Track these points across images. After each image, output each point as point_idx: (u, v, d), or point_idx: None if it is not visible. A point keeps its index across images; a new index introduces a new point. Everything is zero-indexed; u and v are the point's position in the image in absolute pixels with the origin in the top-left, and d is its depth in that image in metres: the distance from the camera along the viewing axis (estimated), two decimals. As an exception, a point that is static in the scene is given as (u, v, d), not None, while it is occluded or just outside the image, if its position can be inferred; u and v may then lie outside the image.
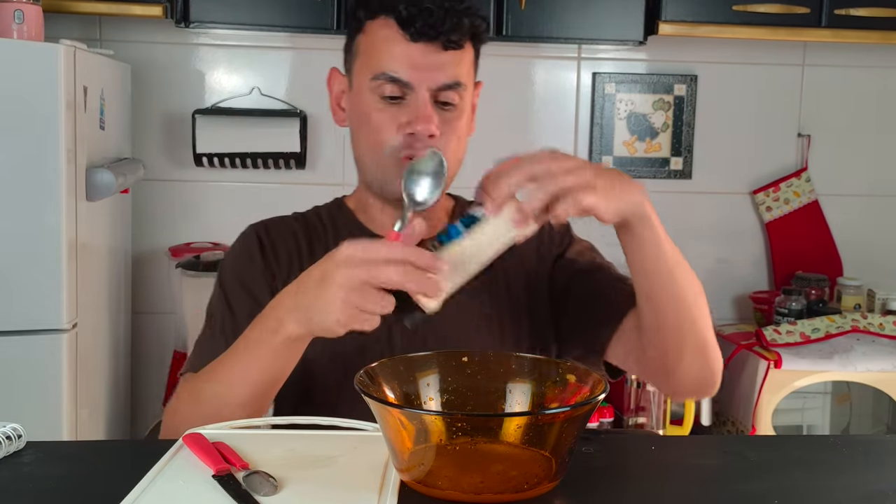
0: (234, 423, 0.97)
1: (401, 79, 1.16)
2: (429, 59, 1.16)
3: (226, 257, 1.29)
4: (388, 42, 1.17)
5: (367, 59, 1.19)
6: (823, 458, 0.95)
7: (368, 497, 0.79)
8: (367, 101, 1.19)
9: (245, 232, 1.29)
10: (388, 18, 1.17)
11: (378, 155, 1.19)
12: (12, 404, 1.86)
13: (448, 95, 1.18)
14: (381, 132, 1.18)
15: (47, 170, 1.89)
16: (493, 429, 0.82)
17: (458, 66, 1.19)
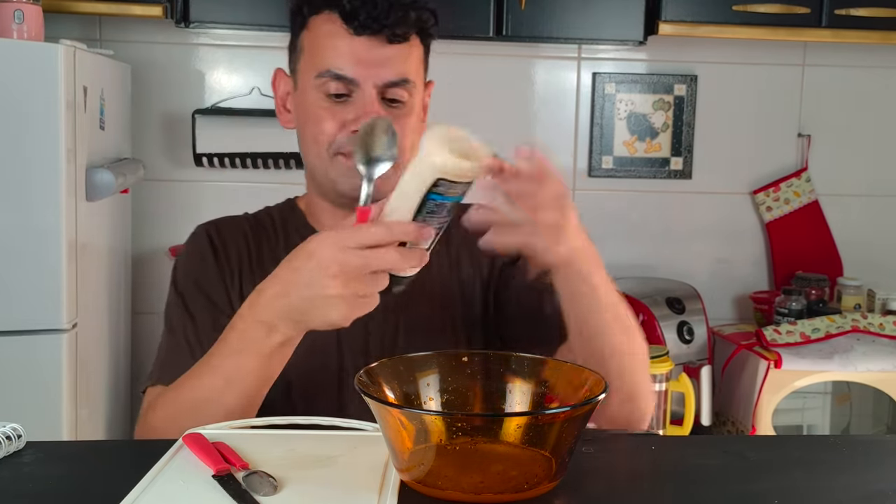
0: (233, 423, 0.97)
1: (345, 75, 1.14)
2: (374, 54, 1.13)
3: (178, 260, 1.26)
4: (332, 37, 1.15)
5: (311, 57, 1.17)
6: (823, 458, 0.95)
7: (368, 497, 0.79)
8: (311, 99, 1.17)
9: (195, 232, 1.28)
10: (331, 13, 1.14)
11: (323, 154, 1.17)
12: (12, 404, 1.86)
13: (396, 92, 1.16)
14: (325, 131, 1.16)
15: (47, 170, 1.89)
16: (493, 429, 0.82)
17: (406, 62, 1.16)
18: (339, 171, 1.16)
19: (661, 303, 2.56)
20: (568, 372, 0.93)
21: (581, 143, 2.81)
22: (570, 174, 2.80)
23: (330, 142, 1.16)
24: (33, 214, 1.90)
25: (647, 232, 2.82)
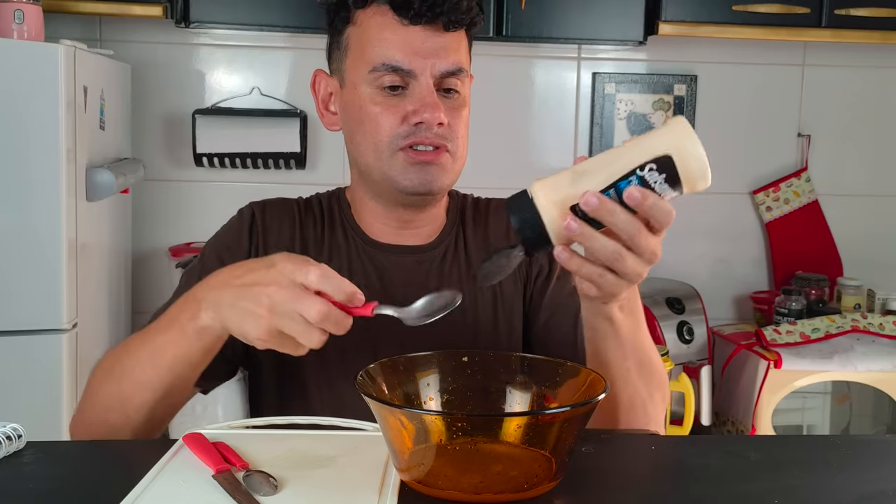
0: (233, 423, 0.97)
1: (402, 67, 1.10)
2: (430, 44, 1.10)
3: (217, 232, 1.25)
4: (384, 29, 1.11)
5: (361, 52, 1.13)
6: (823, 458, 0.95)
7: (368, 497, 0.79)
8: (364, 95, 1.13)
9: (242, 209, 1.25)
10: (380, 5, 1.11)
11: (379, 148, 1.13)
12: (12, 404, 1.86)
13: (451, 82, 1.13)
14: (381, 125, 1.12)
15: (47, 170, 1.89)
16: (493, 429, 0.82)
17: (459, 51, 1.13)
18: (399, 168, 1.13)
19: (661, 303, 2.56)
20: (568, 372, 0.93)
21: (581, 143, 2.81)
22: (570, 174, 2.79)
23: (390, 137, 1.12)
24: (33, 214, 1.90)
25: (647, 232, 2.82)
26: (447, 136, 1.13)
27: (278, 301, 0.86)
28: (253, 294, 0.88)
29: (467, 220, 1.27)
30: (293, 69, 2.69)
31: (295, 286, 0.86)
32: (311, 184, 2.68)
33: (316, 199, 1.28)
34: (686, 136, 0.84)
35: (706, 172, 0.85)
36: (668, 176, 0.83)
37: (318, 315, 0.85)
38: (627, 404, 1.05)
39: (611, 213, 0.83)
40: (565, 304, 1.21)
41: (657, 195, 0.84)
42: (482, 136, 2.73)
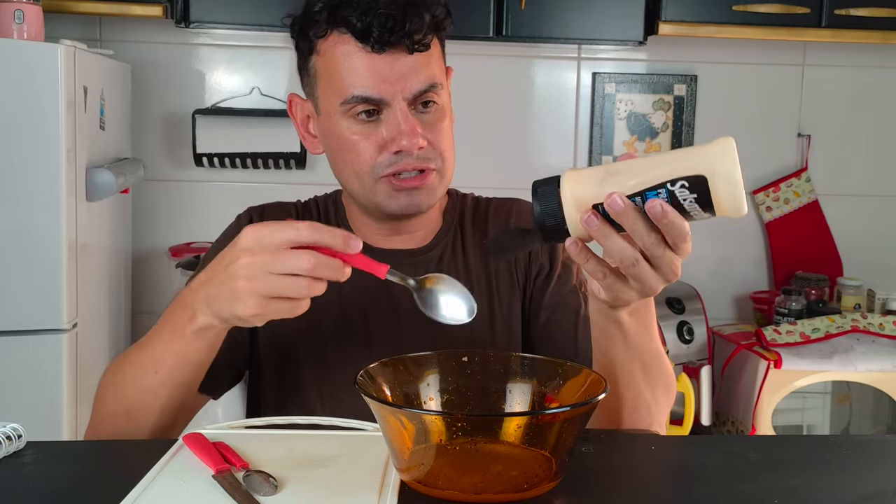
0: (233, 423, 0.97)
1: (372, 97, 1.07)
2: (397, 68, 1.07)
3: (217, 238, 1.25)
4: (349, 58, 1.08)
5: (331, 82, 1.10)
6: (823, 458, 0.95)
7: (368, 497, 0.79)
8: (340, 125, 1.11)
9: (240, 215, 1.25)
10: (342, 34, 1.08)
11: (363, 178, 1.12)
12: (12, 404, 1.86)
13: (426, 97, 1.10)
14: (361, 154, 1.10)
15: (47, 170, 1.90)
16: (493, 429, 0.82)
17: (429, 66, 1.10)
18: (384, 195, 1.12)
19: (661, 303, 2.56)
20: (568, 372, 0.93)
21: (581, 143, 2.81)
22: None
23: (371, 167, 1.10)
24: (33, 214, 1.90)
25: (647, 232, 2.82)
26: (431, 157, 1.11)
27: (254, 268, 0.86)
28: (228, 273, 0.89)
29: (466, 222, 1.26)
30: (293, 69, 2.68)
31: (269, 249, 0.86)
32: (311, 184, 2.69)
33: (314, 202, 1.28)
34: (726, 160, 0.78)
35: (740, 202, 0.79)
36: (699, 197, 0.79)
37: (307, 263, 0.85)
38: (631, 405, 1.05)
39: (633, 220, 0.81)
40: (566, 303, 1.20)
41: (678, 213, 0.81)
42: (482, 136, 2.74)
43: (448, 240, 1.24)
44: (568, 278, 1.23)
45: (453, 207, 1.27)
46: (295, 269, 0.85)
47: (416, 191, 1.12)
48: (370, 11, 1.05)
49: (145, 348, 1.01)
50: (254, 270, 0.86)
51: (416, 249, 1.22)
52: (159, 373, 0.99)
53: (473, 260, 1.23)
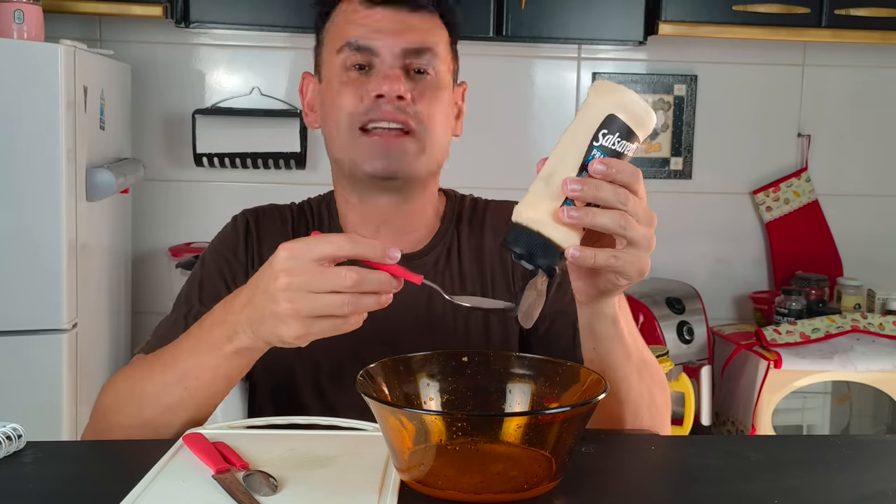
0: (233, 423, 0.97)
1: (364, 44, 1.11)
2: (394, 22, 1.11)
3: (212, 241, 1.24)
4: (351, 14, 1.13)
5: (332, 43, 1.15)
6: (823, 458, 0.95)
7: (368, 497, 0.79)
8: (334, 77, 1.13)
9: (235, 216, 1.24)
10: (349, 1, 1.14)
11: (343, 126, 1.12)
12: (12, 404, 1.86)
13: (420, 63, 1.12)
14: (345, 104, 1.11)
15: (47, 170, 1.90)
16: (492, 429, 0.82)
17: (429, 34, 1.13)
18: (361, 150, 1.12)
19: (661, 303, 2.56)
20: (568, 372, 0.93)
21: (581, 143, 2.81)
22: (570, 174, 2.80)
23: (350, 114, 1.11)
24: (33, 214, 1.90)
25: (647, 232, 2.82)
26: (409, 113, 1.11)
27: (294, 289, 0.83)
28: (268, 296, 0.85)
29: (463, 225, 1.24)
30: (293, 69, 2.69)
31: (308, 267, 0.84)
32: (311, 184, 2.69)
33: (307, 204, 1.27)
34: (614, 90, 0.84)
35: (649, 110, 0.85)
36: (620, 133, 0.84)
37: (349, 280, 0.82)
38: (633, 409, 1.04)
39: (596, 187, 0.83)
40: (565, 312, 1.19)
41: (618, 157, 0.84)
42: (482, 136, 2.74)
43: (444, 244, 1.22)
44: (567, 287, 1.22)
45: (451, 210, 1.26)
46: (337, 286, 0.82)
47: (392, 150, 1.11)
48: None
49: (171, 365, 0.97)
50: (294, 292, 0.83)
51: (411, 253, 1.20)
52: (189, 388, 0.96)
53: (468, 264, 1.22)
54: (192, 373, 0.95)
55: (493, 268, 1.22)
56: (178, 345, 0.99)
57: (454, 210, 1.26)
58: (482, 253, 1.22)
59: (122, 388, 1.03)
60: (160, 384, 0.98)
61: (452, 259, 1.22)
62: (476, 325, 1.18)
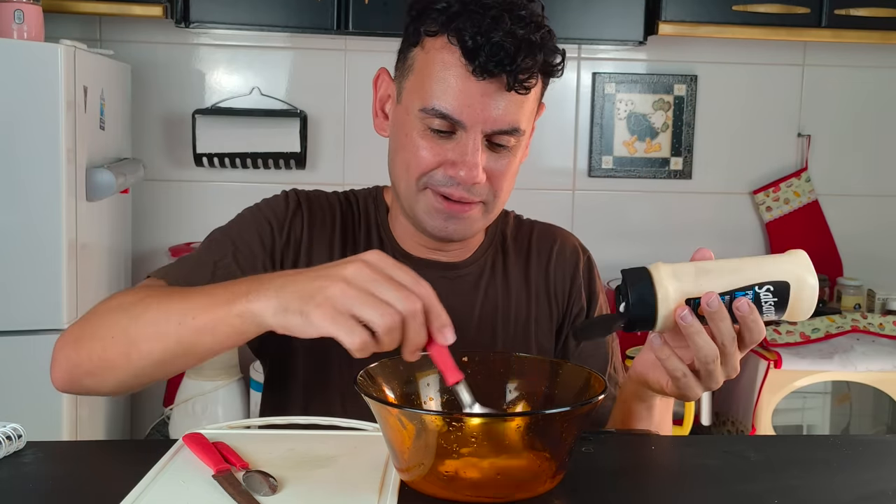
0: (233, 423, 0.97)
1: (453, 117, 1.05)
2: (488, 100, 1.04)
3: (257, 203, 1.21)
4: (446, 70, 1.04)
5: (421, 82, 1.07)
6: (823, 458, 0.95)
7: (368, 497, 0.79)
8: (413, 124, 1.09)
9: (287, 192, 1.22)
10: (451, 43, 1.04)
11: (413, 184, 1.10)
12: (12, 404, 1.86)
13: (503, 139, 1.07)
14: (421, 162, 1.08)
15: (47, 170, 1.89)
16: (493, 429, 0.82)
17: (520, 110, 1.07)
18: (425, 207, 1.11)
19: (661, 303, 2.56)
20: (568, 372, 0.93)
21: (581, 143, 2.81)
22: (570, 174, 2.80)
23: (422, 174, 1.09)
24: (33, 214, 1.90)
25: (647, 232, 2.82)
26: (482, 194, 1.10)
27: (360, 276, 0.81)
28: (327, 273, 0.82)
29: (508, 243, 1.25)
30: (293, 69, 2.69)
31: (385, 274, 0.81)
32: (311, 184, 2.67)
33: (353, 196, 1.25)
34: (808, 269, 0.89)
35: (812, 306, 0.90)
36: (779, 300, 0.89)
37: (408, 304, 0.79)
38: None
39: (722, 318, 0.88)
40: (593, 356, 1.21)
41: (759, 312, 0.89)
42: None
43: (488, 257, 1.23)
44: None
45: (495, 226, 1.26)
46: (394, 300, 0.79)
47: (456, 218, 1.11)
48: (485, 34, 1.01)
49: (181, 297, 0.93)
50: (358, 279, 0.80)
51: (454, 263, 1.20)
52: (182, 325, 0.91)
53: (515, 283, 1.23)
54: (193, 311, 0.90)
55: (538, 291, 1.23)
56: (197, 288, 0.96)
57: (498, 226, 1.26)
58: (528, 275, 1.24)
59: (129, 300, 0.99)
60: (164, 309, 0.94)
61: (497, 273, 1.23)
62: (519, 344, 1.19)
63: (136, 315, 0.96)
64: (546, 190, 2.78)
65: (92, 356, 0.97)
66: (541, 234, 1.28)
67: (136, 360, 0.94)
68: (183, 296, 0.94)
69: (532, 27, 1.03)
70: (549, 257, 1.25)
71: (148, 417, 2.60)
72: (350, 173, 2.71)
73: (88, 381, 0.99)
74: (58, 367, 1.01)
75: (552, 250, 1.26)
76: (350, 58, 2.69)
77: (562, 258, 1.26)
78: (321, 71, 2.68)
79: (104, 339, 0.97)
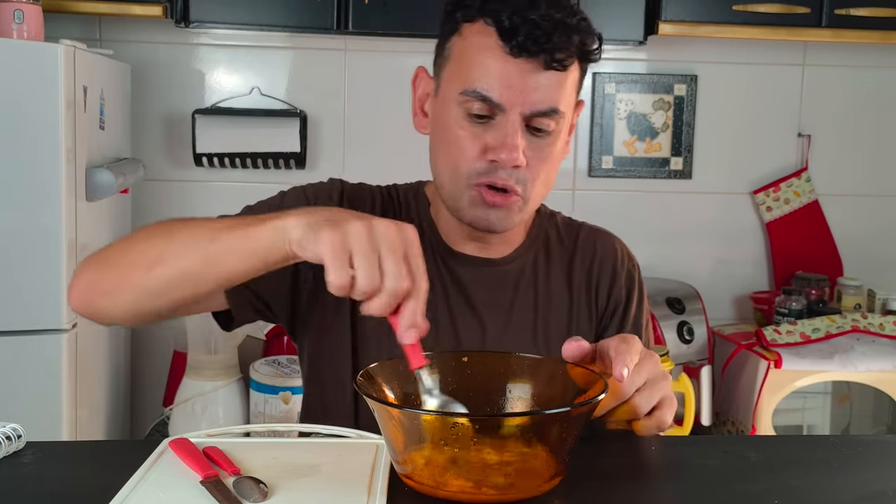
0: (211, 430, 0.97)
1: (492, 98, 1.05)
2: (526, 80, 1.05)
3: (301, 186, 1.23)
4: (484, 53, 1.05)
5: (459, 68, 1.09)
6: (823, 458, 0.95)
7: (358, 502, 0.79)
8: (452, 114, 1.09)
9: (332, 178, 1.24)
10: (488, 25, 1.05)
11: (455, 176, 1.11)
12: (12, 404, 1.86)
13: (542, 122, 1.07)
14: (462, 153, 1.09)
15: (47, 170, 1.89)
16: (493, 429, 0.82)
17: (559, 90, 1.07)
18: (467, 203, 1.11)
19: (661, 303, 2.56)
20: (568, 372, 0.93)
21: (581, 143, 2.81)
22: (570, 174, 2.80)
23: (468, 170, 1.09)
24: (33, 214, 1.90)
25: (647, 232, 2.82)
26: (521, 180, 1.10)
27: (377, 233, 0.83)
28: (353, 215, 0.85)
29: (552, 243, 1.25)
30: (293, 69, 2.69)
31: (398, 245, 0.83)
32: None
33: (395, 191, 1.26)
34: None
35: None
36: None
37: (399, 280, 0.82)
38: None
39: None
40: None
41: None
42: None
43: (530, 256, 1.23)
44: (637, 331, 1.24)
45: (539, 225, 1.26)
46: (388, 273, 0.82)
47: (495, 210, 1.11)
48: (522, 13, 1.03)
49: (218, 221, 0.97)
50: (378, 235, 0.83)
51: (496, 259, 1.21)
52: (213, 241, 0.93)
53: (556, 284, 1.22)
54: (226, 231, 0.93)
55: (579, 293, 1.23)
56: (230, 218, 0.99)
57: (542, 226, 1.26)
58: (571, 276, 1.23)
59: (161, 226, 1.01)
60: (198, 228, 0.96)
61: (539, 272, 1.22)
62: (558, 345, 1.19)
63: (169, 235, 0.98)
64: (546, 190, 2.78)
65: (114, 274, 1.00)
66: (587, 236, 1.28)
67: (157, 276, 0.96)
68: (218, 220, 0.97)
69: (567, 11, 1.05)
70: (592, 259, 1.25)
71: (148, 417, 2.60)
72: (350, 173, 2.69)
73: (103, 301, 1.02)
74: (76, 286, 1.04)
75: (595, 253, 1.26)
76: (350, 58, 2.68)
77: (605, 262, 1.26)
78: (321, 71, 2.68)
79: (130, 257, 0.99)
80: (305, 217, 0.88)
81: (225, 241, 0.93)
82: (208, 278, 0.96)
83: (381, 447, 0.89)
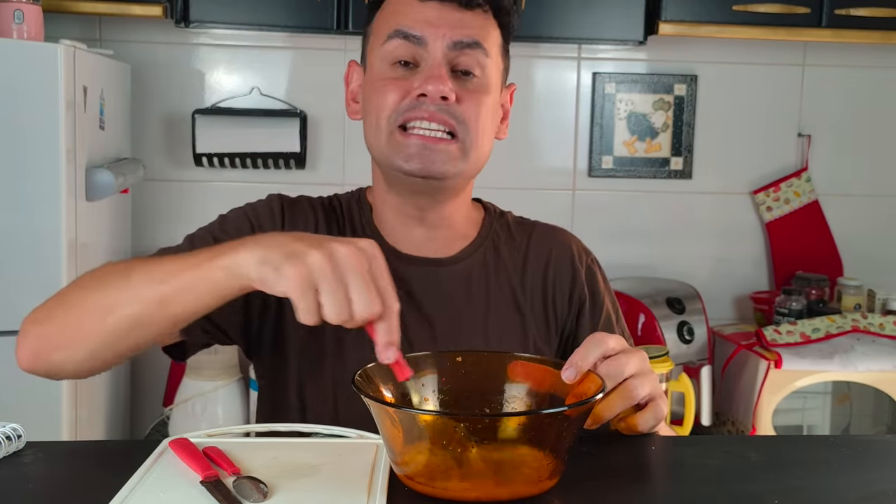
0: (210, 430, 0.97)
1: (413, 33, 1.09)
2: (445, 16, 1.10)
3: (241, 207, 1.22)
4: (403, 5, 1.12)
5: (380, 30, 1.14)
6: (823, 458, 0.95)
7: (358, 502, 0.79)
8: (378, 73, 1.12)
9: (271, 195, 1.22)
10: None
11: (382, 128, 1.11)
12: (12, 404, 1.86)
13: (467, 61, 1.10)
14: (388, 100, 1.10)
15: (47, 170, 1.89)
16: (491, 429, 0.82)
17: (480, 30, 1.11)
18: (400, 149, 1.10)
19: (661, 303, 2.56)
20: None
21: (581, 143, 2.81)
22: (570, 174, 2.80)
23: (391, 112, 1.10)
24: (33, 214, 1.90)
25: (647, 232, 2.82)
26: (452, 115, 1.09)
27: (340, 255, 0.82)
28: (315, 240, 0.83)
29: (501, 242, 1.23)
30: (293, 69, 2.69)
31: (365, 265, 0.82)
32: (311, 184, 2.69)
33: (336, 200, 1.25)
34: None
35: None
36: None
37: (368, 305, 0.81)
38: None
39: None
40: None
41: None
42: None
43: (479, 256, 1.21)
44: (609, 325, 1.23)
45: (489, 224, 1.25)
46: (357, 301, 0.81)
47: (432, 151, 1.10)
48: None
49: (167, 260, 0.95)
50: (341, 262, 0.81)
51: (443, 259, 1.20)
52: (164, 283, 0.91)
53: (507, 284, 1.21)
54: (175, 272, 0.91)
55: (533, 294, 1.21)
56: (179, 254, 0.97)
57: (492, 225, 1.25)
58: (524, 276, 1.22)
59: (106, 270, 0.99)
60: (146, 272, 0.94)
61: (489, 274, 1.21)
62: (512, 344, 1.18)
63: (117, 281, 0.96)
64: (546, 190, 2.78)
65: (66, 327, 0.98)
66: (540, 236, 1.26)
67: (112, 324, 0.94)
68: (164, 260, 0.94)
69: None
70: (547, 259, 1.23)
71: (148, 417, 2.60)
72: (350, 173, 2.71)
73: (57, 355, 0.99)
74: (24, 345, 1.03)
75: (551, 253, 1.24)
76: (350, 58, 2.68)
77: (561, 262, 1.24)
78: (321, 71, 2.68)
79: (81, 307, 0.97)
80: (258, 250, 0.85)
81: (177, 282, 0.91)
82: (162, 321, 0.94)
83: (381, 447, 0.89)
